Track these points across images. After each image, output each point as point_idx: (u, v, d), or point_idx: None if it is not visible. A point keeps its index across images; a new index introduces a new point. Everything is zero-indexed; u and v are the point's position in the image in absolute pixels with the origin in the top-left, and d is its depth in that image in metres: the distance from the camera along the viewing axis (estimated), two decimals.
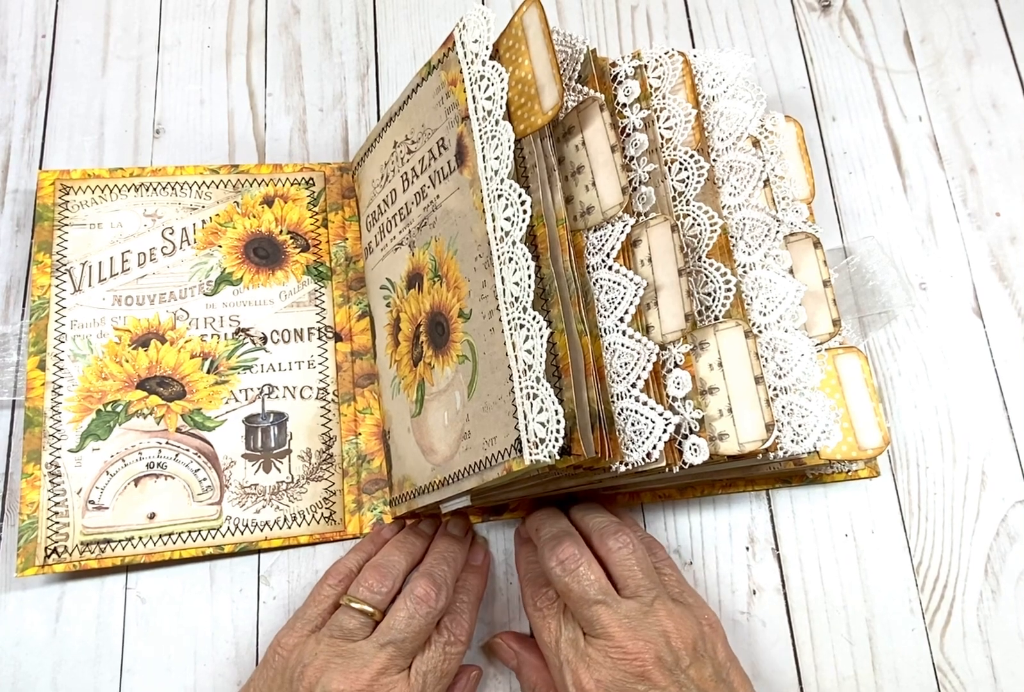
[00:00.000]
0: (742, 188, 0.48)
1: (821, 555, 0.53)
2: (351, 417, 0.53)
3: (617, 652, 0.40)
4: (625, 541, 0.44)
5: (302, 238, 0.56)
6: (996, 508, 0.54)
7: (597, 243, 0.44)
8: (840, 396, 0.48)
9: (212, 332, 0.53)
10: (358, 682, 0.41)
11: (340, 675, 0.41)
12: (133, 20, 0.62)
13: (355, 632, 0.43)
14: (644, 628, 0.41)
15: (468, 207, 0.44)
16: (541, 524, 0.46)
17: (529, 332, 0.39)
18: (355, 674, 0.41)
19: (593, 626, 0.41)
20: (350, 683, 0.41)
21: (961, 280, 0.59)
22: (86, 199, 0.55)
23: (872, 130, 0.63)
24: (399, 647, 0.42)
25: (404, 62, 0.63)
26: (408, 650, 0.43)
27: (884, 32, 0.65)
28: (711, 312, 0.45)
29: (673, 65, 0.49)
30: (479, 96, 0.44)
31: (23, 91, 0.59)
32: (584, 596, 0.41)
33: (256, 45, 0.62)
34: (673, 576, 0.46)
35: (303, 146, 0.60)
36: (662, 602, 0.42)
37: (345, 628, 0.43)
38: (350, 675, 0.41)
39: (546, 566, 0.43)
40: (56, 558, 0.48)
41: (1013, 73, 0.64)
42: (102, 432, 0.50)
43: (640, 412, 0.41)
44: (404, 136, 0.51)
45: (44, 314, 0.52)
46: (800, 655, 0.51)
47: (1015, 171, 0.62)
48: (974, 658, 0.51)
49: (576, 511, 0.48)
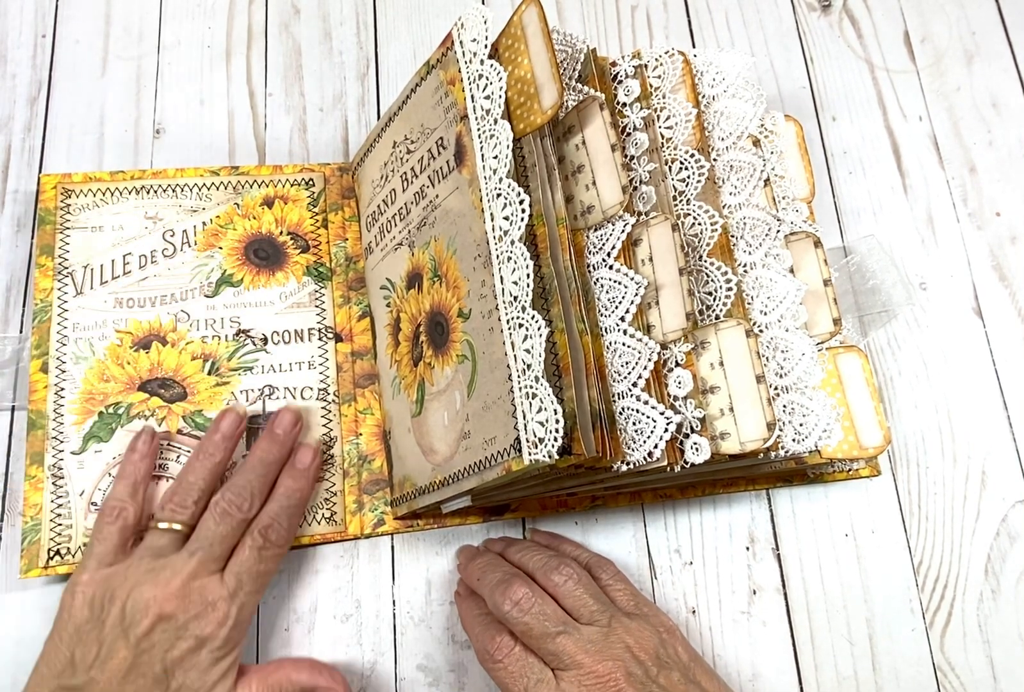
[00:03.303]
0: (743, 187, 0.48)
1: (821, 555, 0.53)
2: (352, 417, 0.53)
3: (589, 678, 0.41)
4: (568, 573, 0.44)
5: (302, 239, 0.56)
6: (996, 508, 0.54)
7: (598, 242, 0.44)
8: (841, 395, 0.48)
9: (213, 334, 0.53)
10: (169, 587, 0.42)
11: (150, 585, 0.42)
12: (133, 20, 0.62)
13: (165, 548, 0.44)
14: (608, 648, 0.42)
15: (467, 206, 0.44)
16: (483, 573, 0.46)
17: (528, 331, 0.39)
18: (166, 581, 0.42)
19: (561, 658, 0.41)
20: (161, 589, 0.42)
21: (961, 280, 0.59)
22: (87, 202, 0.55)
23: (872, 130, 0.63)
24: (208, 551, 0.43)
25: (404, 62, 0.63)
26: (217, 554, 0.44)
27: (884, 32, 0.65)
28: (712, 311, 0.45)
29: (673, 65, 0.49)
30: (478, 95, 0.44)
31: (23, 91, 0.60)
32: (545, 631, 0.42)
33: (256, 45, 0.62)
34: (625, 590, 0.46)
35: (303, 146, 0.60)
36: (618, 620, 0.43)
37: (155, 547, 0.44)
38: (160, 583, 0.42)
39: (501, 610, 0.43)
40: (59, 560, 0.48)
41: (1013, 73, 0.65)
42: (104, 434, 0.50)
43: (641, 411, 0.41)
44: (403, 136, 0.51)
45: (47, 317, 0.52)
46: (800, 655, 0.51)
47: (1015, 171, 0.62)
48: (974, 658, 0.51)
49: (511, 553, 0.48)
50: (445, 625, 0.50)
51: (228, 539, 0.44)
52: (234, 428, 0.48)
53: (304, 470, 0.48)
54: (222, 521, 0.44)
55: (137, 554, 0.44)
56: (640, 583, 0.51)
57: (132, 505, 0.46)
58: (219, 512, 0.44)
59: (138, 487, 0.47)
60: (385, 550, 0.52)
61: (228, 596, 0.43)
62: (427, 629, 0.50)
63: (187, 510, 0.45)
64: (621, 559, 0.52)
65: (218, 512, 0.44)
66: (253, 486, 0.46)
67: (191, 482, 0.46)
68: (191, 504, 0.45)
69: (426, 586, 0.51)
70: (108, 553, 0.44)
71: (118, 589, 0.42)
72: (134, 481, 0.47)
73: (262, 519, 0.45)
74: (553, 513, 0.52)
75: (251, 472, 0.46)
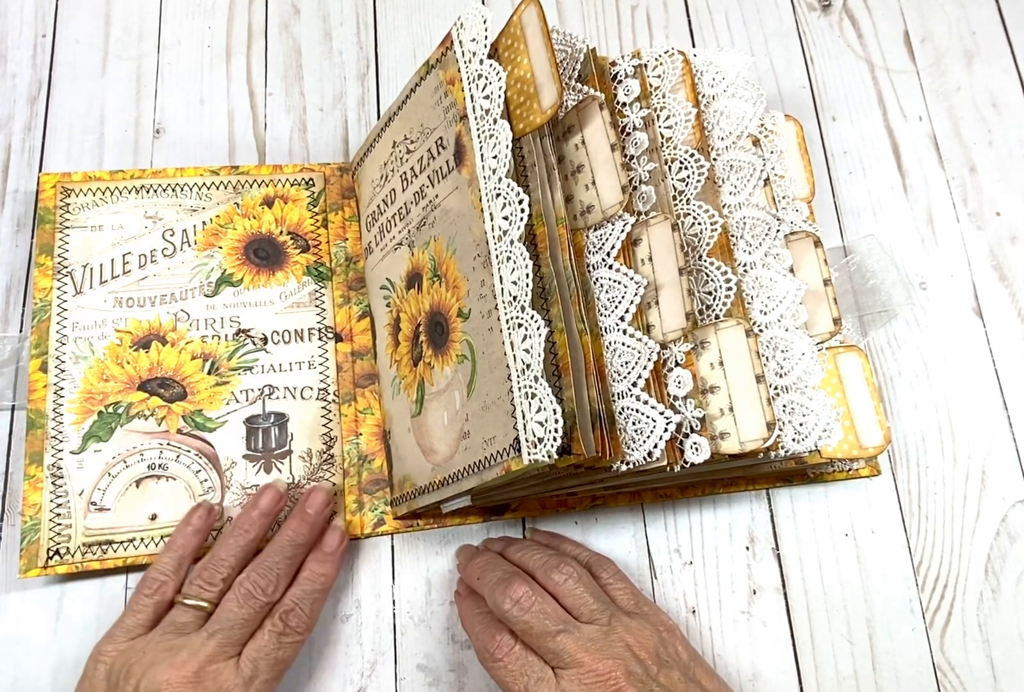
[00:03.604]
0: (742, 187, 0.48)
1: (821, 555, 0.53)
2: (352, 417, 0.53)
3: (590, 676, 0.41)
4: (569, 572, 0.44)
5: (302, 239, 0.56)
6: (996, 508, 0.54)
7: (597, 242, 0.44)
8: (841, 395, 0.48)
9: (213, 333, 0.53)
10: (184, 670, 0.41)
11: (166, 666, 0.41)
12: (133, 20, 0.62)
13: (187, 626, 0.43)
14: (608, 647, 0.42)
15: (467, 206, 0.44)
16: (483, 572, 0.46)
17: (527, 331, 0.39)
18: (181, 663, 0.41)
19: (561, 656, 0.41)
20: (176, 671, 0.41)
21: (961, 280, 0.59)
22: (87, 201, 0.55)
23: (872, 130, 0.63)
24: (227, 634, 0.42)
25: (404, 62, 0.63)
26: (237, 638, 0.43)
27: (884, 32, 0.65)
28: (712, 311, 0.45)
29: (673, 64, 0.49)
30: (477, 95, 0.44)
31: (23, 91, 0.60)
32: (546, 629, 0.42)
33: (256, 45, 0.62)
34: (626, 589, 0.46)
35: (303, 146, 0.60)
36: (618, 619, 0.43)
37: (178, 623, 0.43)
38: (176, 664, 0.41)
39: (501, 609, 0.43)
40: (58, 559, 0.48)
41: (1013, 73, 0.64)
42: (104, 434, 0.50)
43: (641, 411, 0.41)
44: (403, 136, 0.51)
45: (46, 316, 0.52)
46: (800, 655, 0.51)
47: (1015, 171, 0.62)
48: (974, 658, 0.51)
49: (512, 552, 0.48)
50: (445, 625, 0.50)
51: (249, 623, 0.43)
52: (273, 505, 0.48)
53: (331, 554, 0.48)
54: (244, 603, 0.43)
55: (160, 628, 0.43)
56: (640, 583, 0.51)
57: (173, 580, 0.45)
58: (242, 594, 0.44)
59: (184, 562, 0.46)
60: (385, 550, 0.52)
61: (243, 684, 0.42)
62: (427, 629, 0.50)
63: (215, 587, 0.44)
64: (621, 559, 0.52)
65: (241, 594, 0.44)
66: (279, 568, 0.45)
67: (222, 558, 0.45)
68: (219, 581, 0.45)
69: (426, 586, 0.51)
70: (137, 626, 0.44)
71: (135, 665, 0.42)
72: (181, 555, 0.46)
73: (285, 603, 0.45)
74: (553, 513, 0.52)
75: (279, 554, 0.46)
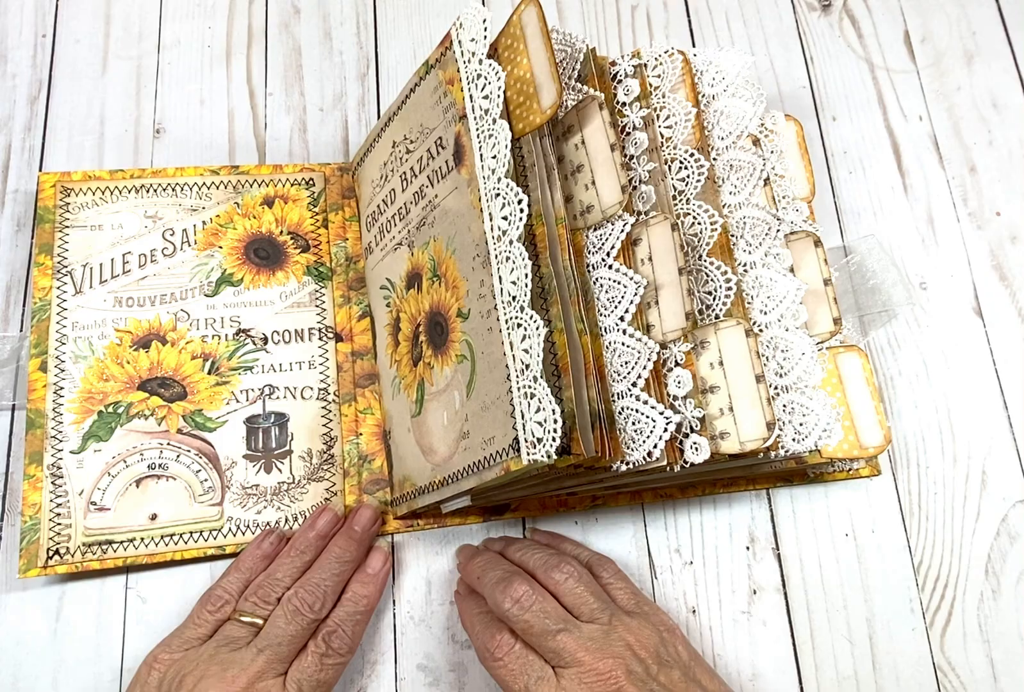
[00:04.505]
0: (742, 187, 0.48)
1: (821, 555, 0.53)
2: (352, 417, 0.53)
3: (590, 675, 0.41)
4: (569, 571, 0.45)
5: (302, 238, 0.56)
6: (996, 508, 0.54)
7: (597, 242, 0.44)
8: (841, 394, 0.48)
9: (213, 333, 0.53)
10: (234, 686, 0.42)
11: (217, 680, 0.42)
12: (133, 20, 0.62)
13: (239, 640, 0.44)
14: (608, 646, 0.41)
15: (466, 206, 0.44)
16: (483, 571, 0.46)
17: (526, 331, 0.39)
18: (232, 679, 0.42)
19: (561, 655, 0.41)
20: (225, 686, 0.42)
21: (961, 280, 0.59)
22: (87, 201, 0.55)
23: (872, 130, 0.63)
24: (276, 651, 0.43)
25: (404, 62, 0.63)
26: (284, 654, 0.43)
27: (884, 32, 0.65)
28: (712, 311, 0.45)
29: (673, 64, 0.49)
30: (476, 95, 0.44)
31: (23, 91, 0.60)
32: (546, 628, 0.42)
33: (256, 45, 0.62)
34: (626, 589, 0.46)
35: (303, 146, 0.60)
36: (618, 619, 0.43)
37: (231, 637, 0.44)
38: (227, 680, 0.42)
39: (501, 608, 0.43)
40: (58, 559, 0.48)
41: (1013, 73, 0.64)
42: (103, 433, 0.50)
43: (641, 411, 0.41)
44: (403, 136, 0.51)
45: (45, 316, 0.52)
46: (800, 655, 0.51)
47: (1015, 171, 0.62)
48: (974, 658, 0.51)
49: (512, 552, 0.48)
50: (445, 625, 0.50)
51: (297, 639, 0.44)
52: (330, 528, 0.49)
53: (374, 576, 0.48)
54: (292, 620, 0.44)
55: (214, 641, 0.44)
56: (640, 583, 0.51)
57: (235, 601, 0.46)
58: (291, 610, 0.44)
59: (247, 584, 0.47)
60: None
61: None
62: (427, 629, 0.50)
63: (270, 606, 0.45)
64: (621, 559, 0.52)
65: (290, 610, 0.44)
66: (327, 585, 0.46)
67: (278, 579, 0.46)
68: (275, 601, 0.45)
69: (426, 586, 0.51)
70: (195, 639, 0.45)
71: (187, 677, 0.42)
72: (247, 578, 0.47)
73: (328, 624, 0.45)
74: (553, 513, 0.52)
75: (326, 570, 0.46)
